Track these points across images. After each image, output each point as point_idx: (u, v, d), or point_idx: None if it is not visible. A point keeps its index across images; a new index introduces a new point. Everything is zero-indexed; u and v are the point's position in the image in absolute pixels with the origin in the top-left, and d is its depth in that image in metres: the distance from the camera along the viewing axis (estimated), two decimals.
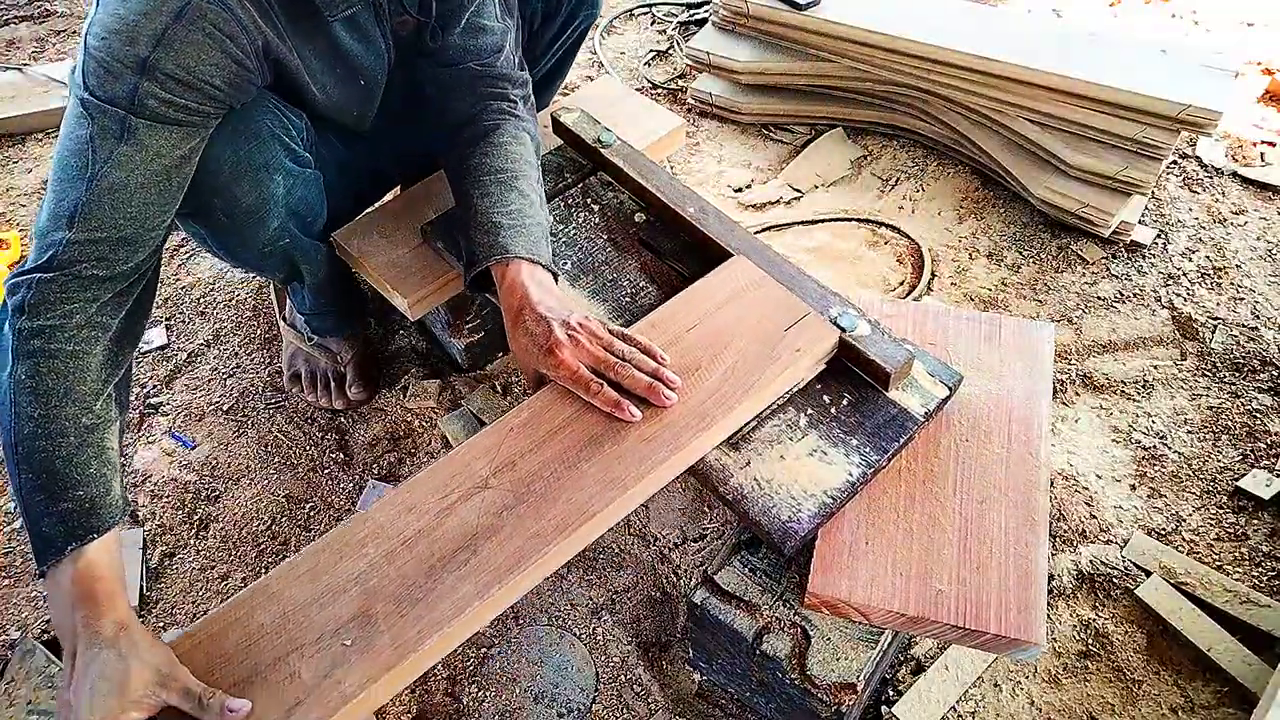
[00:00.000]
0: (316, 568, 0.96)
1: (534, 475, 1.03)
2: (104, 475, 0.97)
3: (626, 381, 1.07)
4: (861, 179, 2.07)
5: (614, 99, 1.67)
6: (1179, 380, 1.65)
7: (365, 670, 0.88)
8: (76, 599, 0.90)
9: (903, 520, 1.07)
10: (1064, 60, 1.80)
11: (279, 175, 1.21)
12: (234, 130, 1.14)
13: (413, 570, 0.95)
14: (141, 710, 0.85)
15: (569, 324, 1.10)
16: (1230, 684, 1.26)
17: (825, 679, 1.04)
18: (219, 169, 1.15)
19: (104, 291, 1.02)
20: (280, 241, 1.29)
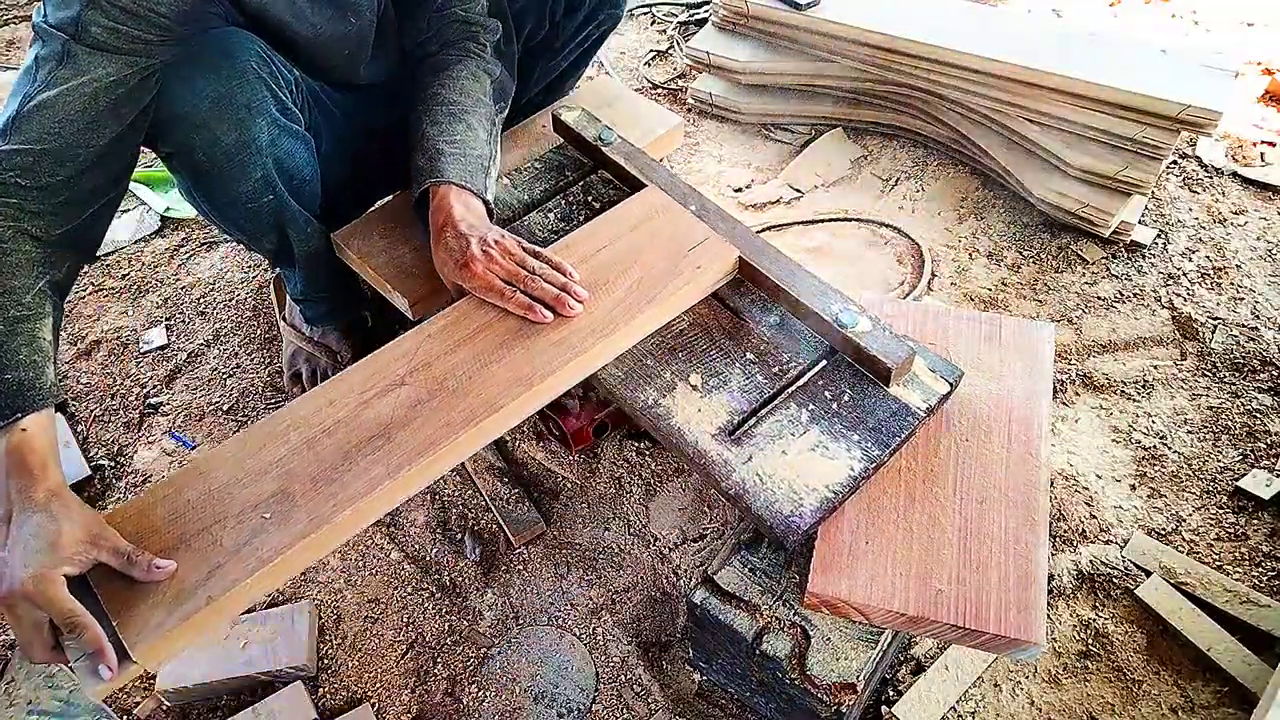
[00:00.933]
0: (241, 453, 1.05)
1: (448, 374, 1.11)
2: (35, 361, 1.01)
3: (536, 292, 1.17)
4: (861, 179, 2.07)
5: (613, 98, 1.67)
6: (1179, 380, 1.65)
7: (281, 538, 0.97)
8: (10, 469, 0.95)
9: (903, 520, 1.07)
10: (1064, 60, 1.80)
11: (262, 119, 1.21)
12: (217, 67, 1.15)
13: (330, 455, 1.04)
14: (73, 566, 0.91)
15: (485, 240, 1.19)
16: (1230, 684, 1.26)
17: (825, 679, 1.04)
18: (199, 104, 1.15)
19: (30, 200, 1.06)
20: (264, 197, 1.28)
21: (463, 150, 1.27)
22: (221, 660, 1.28)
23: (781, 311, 1.25)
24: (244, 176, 1.24)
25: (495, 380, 1.10)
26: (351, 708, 1.27)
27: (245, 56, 1.18)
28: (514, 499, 1.49)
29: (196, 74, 1.14)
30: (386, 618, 1.37)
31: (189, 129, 1.17)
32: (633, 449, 1.54)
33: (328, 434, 1.06)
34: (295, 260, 1.44)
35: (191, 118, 1.16)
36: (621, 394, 1.18)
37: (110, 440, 1.61)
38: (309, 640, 1.31)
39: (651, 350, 1.22)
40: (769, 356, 1.20)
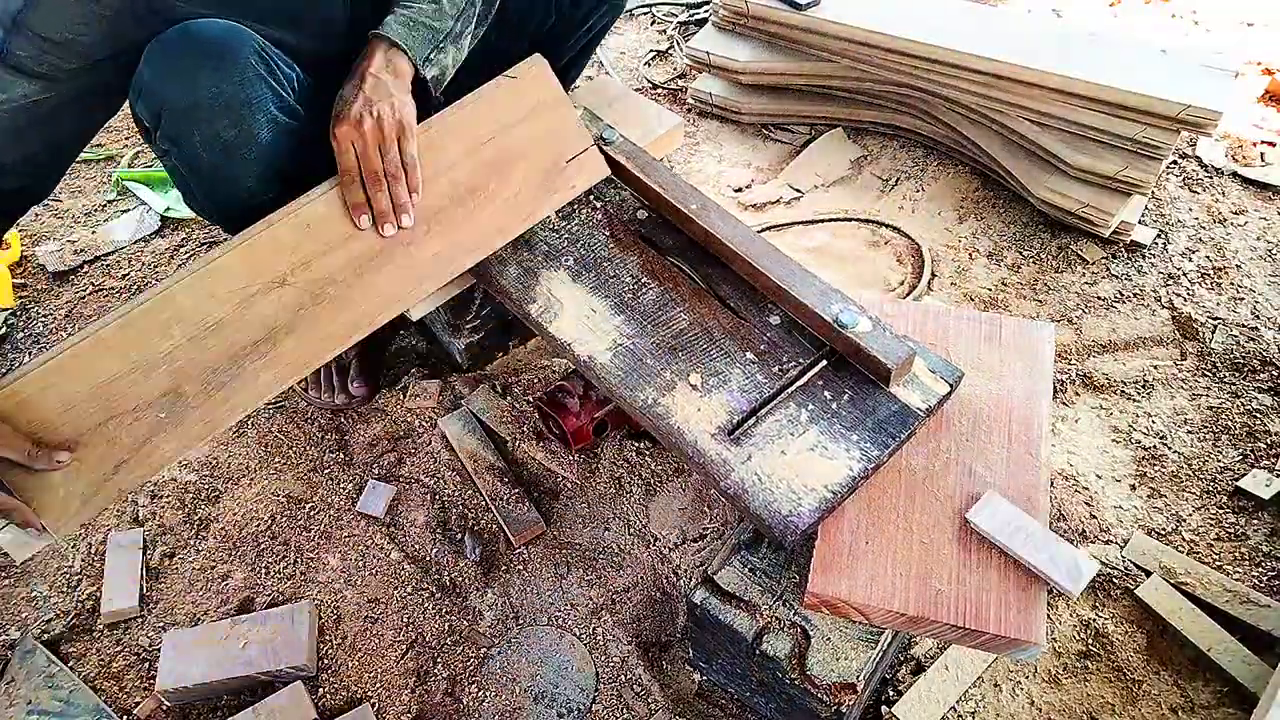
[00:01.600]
0: (125, 342, 1.08)
1: (328, 280, 1.16)
2: None
3: (372, 194, 1.19)
4: (861, 179, 2.07)
5: (613, 98, 1.67)
6: (1179, 380, 1.65)
7: (180, 440, 1.06)
8: None
9: (903, 520, 1.07)
10: (1064, 60, 1.80)
11: (262, 116, 1.20)
12: (219, 64, 1.15)
13: (216, 356, 1.10)
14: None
15: (373, 106, 1.18)
16: (1230, 684, 1.26)
17: (825, 679, 1.04)
18: (200, 99, 1.16)
19: None
20: (266, 194, 1.27)
21: (416, 16, 1.25)
22: (221, 660, 1.28)
23: (781, 311, 1.25)
24: (244, 174, 1.24)
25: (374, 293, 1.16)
26: (351, 708, 1.27)
27: (245, 53, 1.18)
28: (514, 499, 1.49)
29: (197, 69, 1.14)
30: (386, 618, 1.37)
31: (189, 125, 1.17)
32: (633, 449, 1.54)
33: (212, 332, 1.10)
34: None
35: (192, 114, 1.16)
36: (621, 393, 1.18)
37: None
38: (309, 640, 1.31)
39: (651, 349, 1.22)
40: (769, 356, 1.20)
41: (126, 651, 1.35)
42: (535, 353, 1.72)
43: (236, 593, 1.40)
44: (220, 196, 1.28)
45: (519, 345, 1.73)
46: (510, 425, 1.58)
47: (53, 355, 1.06)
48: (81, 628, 1.37)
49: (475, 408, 1.60)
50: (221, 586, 1.41)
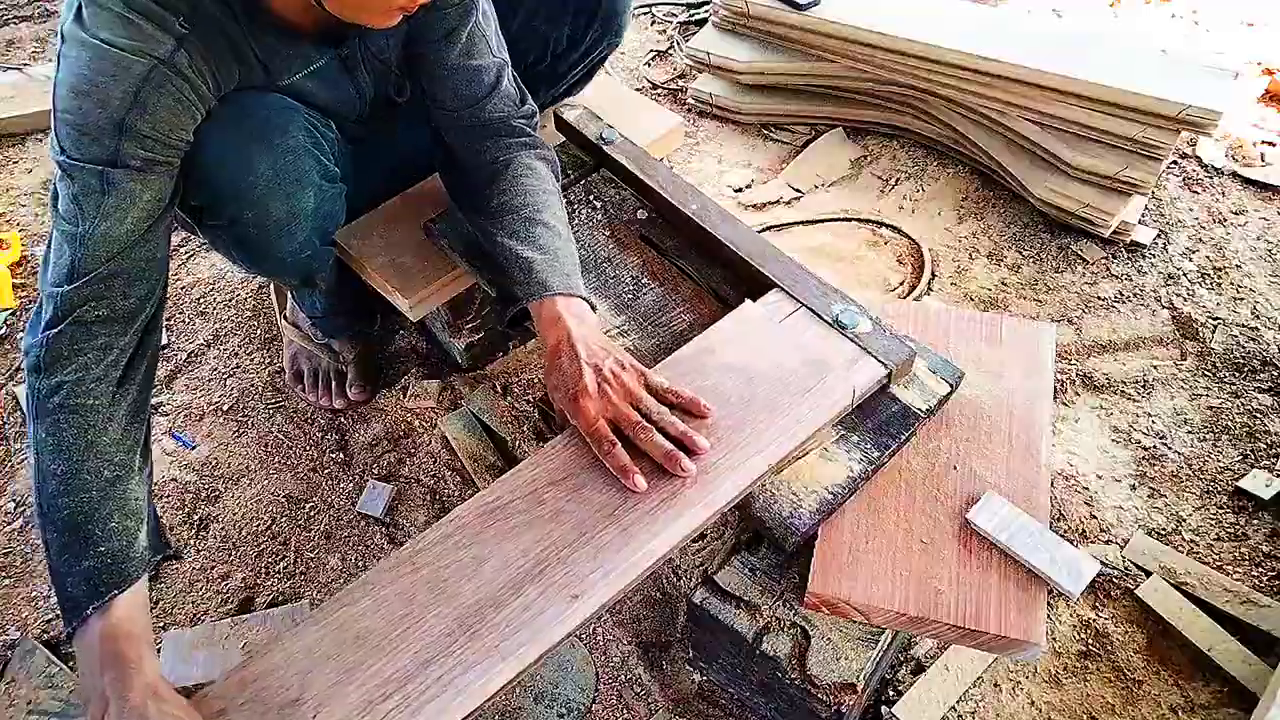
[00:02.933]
0: (363, 634, 0.94)
1: (549, 550, 0.99)
2: (127, 528, 0.96)
3: (645, 445, 1.02)
4: (861, 179, 2.07)
5: (612, 98, 1.67)
6: (1179, 380, 1.65)
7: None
8: (104, 660, 0.89)
9: (903, 520, 1.07)
10: (1064, 60, 1.80)
11: (310, 190, 1.22)
12: (272, 145, 1.16)
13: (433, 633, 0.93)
14: None
15: (602, 371, 1.06)
16: (1230, 684, 1.26)
17: (825, 679, 1.04)
18: (255, 182, 1.16)
19: (111, 335, 1.02)
20: (303, 254, 1.30)
21: (552, 255, 1.18)
22: (221, 660, 1.28)
23: None
24: (289, 241, 1.26)
25: (584, 566, 0.97)
26: None
27: (295, 130, 1.18)
28: None
29: (250, 153, 1.14)
30: None
31: (243, 205, 1.18)
32: None
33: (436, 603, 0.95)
34: (316, 289, 1.48)
35: (246, 195, 1.16)
36: None
37: None
38: None
39: (652, 350, 1.22)
40: None
41: None
42: (535, 353, 1.72)
43: (236, 593, 1.40)
44: (262, 262, 1.31)
45: (519, 345, 1.73)
46: (510, 425, 1.58)
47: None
48: None
49: (475, 408, 1.60)
50: (221, 586, 1.41)
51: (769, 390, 1.10)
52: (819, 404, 1.09)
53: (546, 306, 1.13)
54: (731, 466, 1.02)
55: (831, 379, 1.11)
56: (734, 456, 1.03)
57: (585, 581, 0.96)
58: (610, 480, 1.02)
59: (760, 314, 1.20)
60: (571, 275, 1.17)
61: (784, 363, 1.13)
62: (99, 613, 0.90)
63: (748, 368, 1.12)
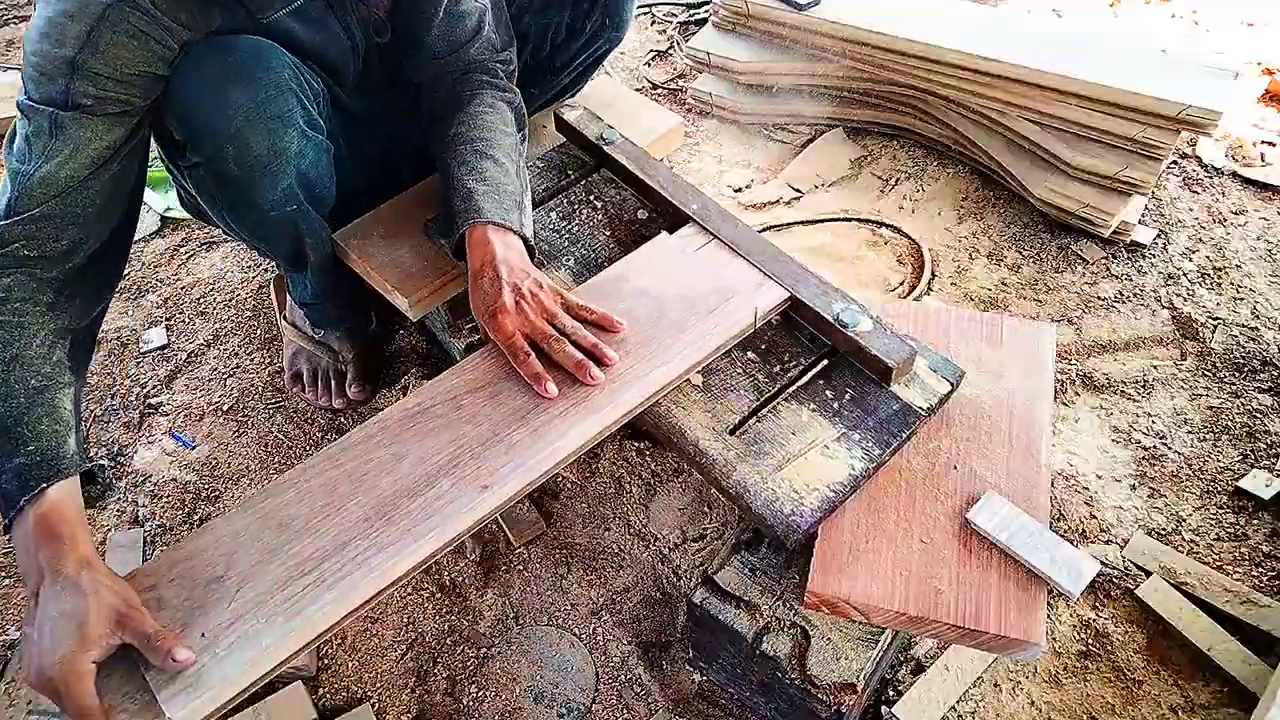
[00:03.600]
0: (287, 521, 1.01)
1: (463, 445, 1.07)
2: (56, 431, 1.01)
3: (557, 356, 1.11)
4: (861, 179, 2.07)
5: (613, 98, 1.67)
6: (1179, 380, 1.65)
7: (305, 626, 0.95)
8: (39, 540, 0.94)
9: (903, 520, 1.07)
10: (1064, 60, 1.80)
11: (293, 131, 1.21)
12: (254, 79, 1.16)
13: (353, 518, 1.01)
14: (99, 651, 0.89)
15: (520, 290, 1.15)
16: (1230, 684, 1.26)
17: (825, 679, 1.04)
18: (234, 115, 1.16)
19: (38, 268, 1.08)
20: (288, 206, 1.28)
21: (494, 187, 1.24)
22: None
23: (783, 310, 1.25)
24: (271, 186, 1.24)
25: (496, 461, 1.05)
26: (351, 708, 1.27)
27: (279, 67, 1.18)
28: None
29: (231, 85, 1.14)
30: (386, 618, 1.37)
31: (223, 140, 1.17)
32: (633, 449, 1.54)
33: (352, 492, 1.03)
34: (308, 267, 1.45)
35: (226, 129, 1.17)
36: None
37: (110, 440, 1.61)
38: None
39: None
40: (770, 355, 1.20)
41: None
42: None
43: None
44: (245, 209, 1.29)
45: None
46: None
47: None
48: None
49: None
50: None
51: (677, 311, 1.19)
52: (723, 323, 1.18)
53: (477, 232, 1.20)
54: (638, 376, 1.12)
55: (736, 301, 1.20)
56: (641, 368, 1.13)
57: (496, 475, 1.04)
58: (525, 388, 1.11)
59: (674, 244, 1.29)
60: (509, 210, 1.23)
61: (693, 287, 1.23)
62: (32, 503, 0.95)
63: (659, 292, 1.22)
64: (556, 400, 1.09)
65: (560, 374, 1.11)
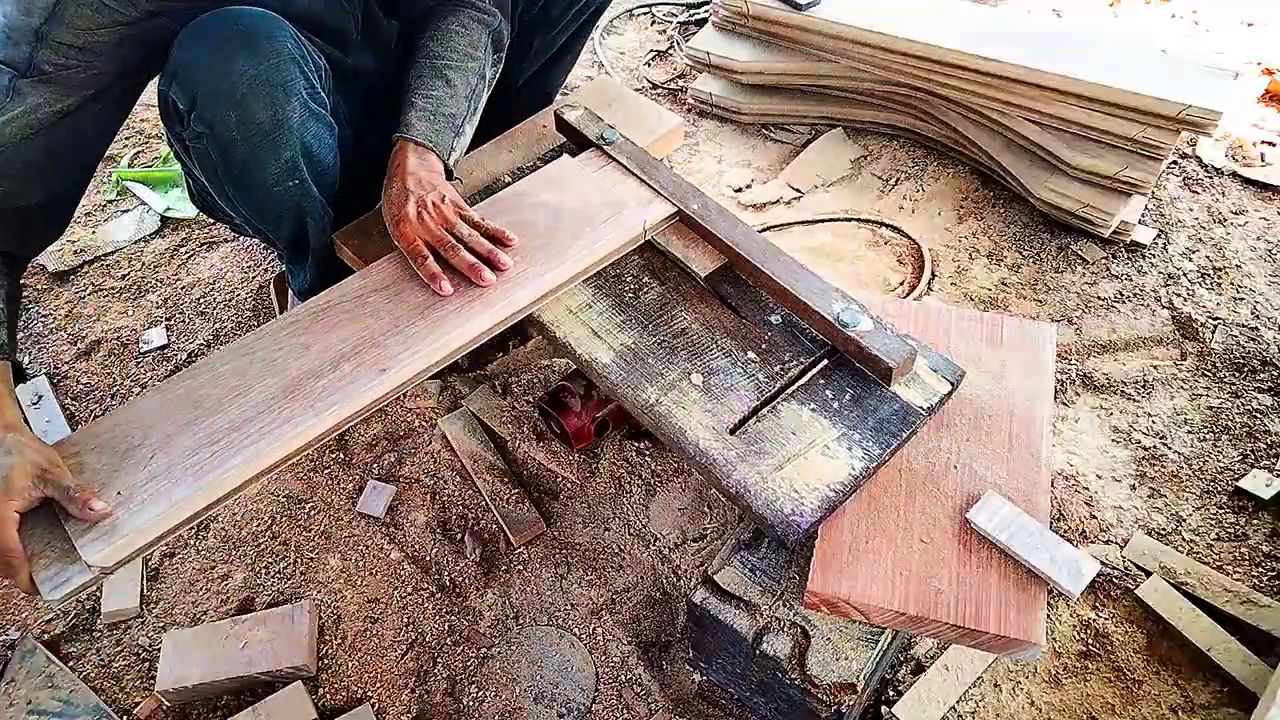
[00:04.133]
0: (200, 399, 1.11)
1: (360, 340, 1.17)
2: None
3: (453, 261, 1.21)
4: (861, 179, 2.07)
5: (613, 98, 1.67)
6: (1179, 380, 1.65)
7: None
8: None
9: (903, 519, 1.07)
10: (1064, 60, 1.80)
11: (296, 101, 1.22)
12: (257, 47, 1.17)
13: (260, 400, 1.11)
14: (21, 501, 0.97)
15: (424, 201, 1.23)
16: (1230, 684, 1.26)
17: (825, 679, 1.04)
18: (238, 81, 1.17)
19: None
20: (290, 181, 1.29)
21: (435, 107, 1.30)
22: (221, 660, 1.28)
23: (783, 311, 1.25)
24: (274, 158, 1.25)
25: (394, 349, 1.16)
26: (351, 708, 1.27)
27: (281, 37, 1.19)
28: (514, 499, 1.49)
29: (234, 53, 1.16)
30: (386, 618, 1.37)
31: (226, 107, 1.19)
32: (633, 449, 1.54)
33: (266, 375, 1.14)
34: (309, 252, 1.44)
35: (229, 96, 1.18)
36: (623, 393, 1.18)
37: None
38: (309, 640, 1.31)
39: (652, 349, 1.22)
40: (770, 356, 1.20)
41: (126, 651, 1.35)
42: (535, 353, 1.72)
43: (236, 593, 1.40)
44: (248, 181, 1.29)
45: (519, 345, 1.73)
46: (510, 425, 1.58)
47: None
48: (81, 628, 1.37)
49: (475, 408, 1.60)
50: (221, 586, 1.41)
51: (573, 221, 1.30)
52: (615, 231, 1.29)
53: (401, 146, 1.29)
54: (533, 277, 1.22)
55: (627, 214, 1.31)
56: (535, 269, 1.23)
57: (395, 360, 1.14)
58: (425, 288, 1.21)
59: (574, 165, 1.40)
60: (440, 132, 1.30)
61: (589, 201, 1.33)
62: None
63: (557, 204, 1.33)
64: (453, 298, 1.20)
65: (458, 277, 1.21)
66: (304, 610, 1.34)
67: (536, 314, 1.28)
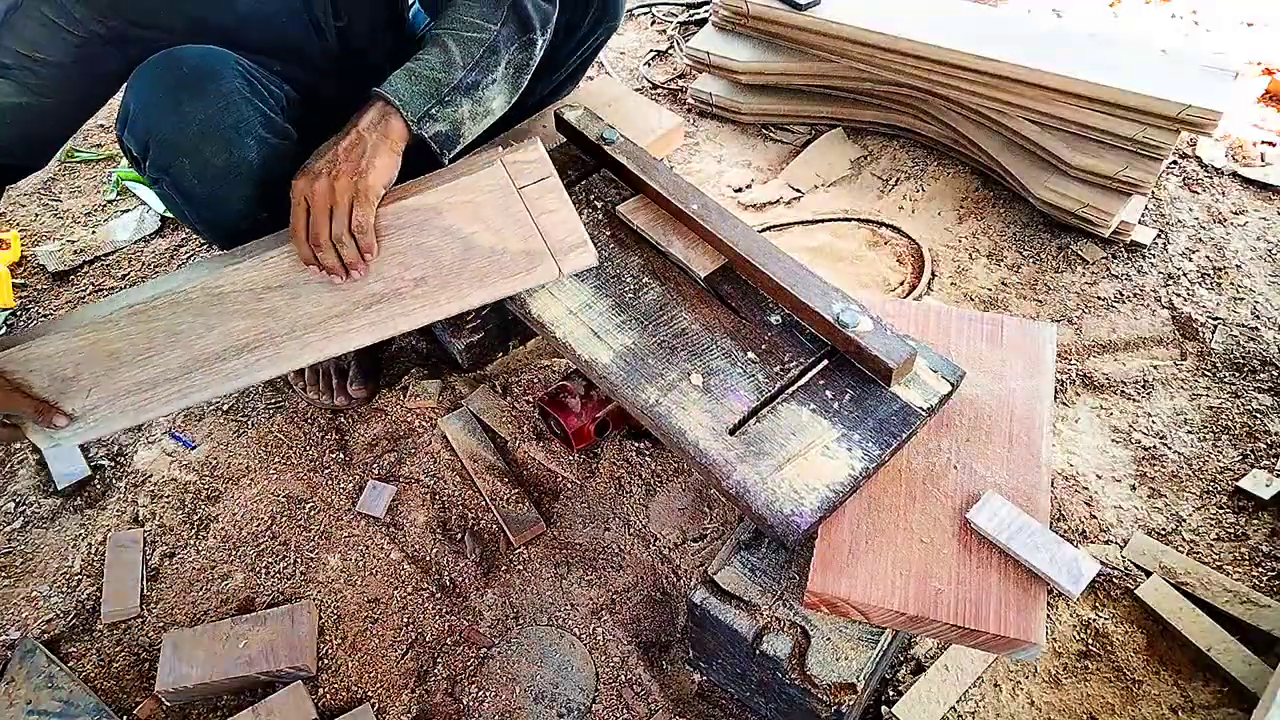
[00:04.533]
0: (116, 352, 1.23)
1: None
2: None
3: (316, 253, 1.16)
4: (861, 179, 2.07)
5: (613, 98, 1.67)
6: (1179, 380, 1.65)
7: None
8: None
9: (903, 520, 1.07)
10: (1064, 60, 1.80)
11: (250, 139, 1.20)
12: (202, 90, 1.16)
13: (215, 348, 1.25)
14: None
15: (336, 167, 1.13)
16: (1230, 684, 1.26)
17: (825, 679, 1.04)
18: (187, 127, 1.16)
19: None
20: (259, 214, 1.27)
21: (419, 68, 1.19)
22: (221, 660, 1.28)
23: (783, 311, 1.25)
24: (237, 196, 1.24)
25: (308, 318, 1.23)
26: (351, 708, 1.27)
27: (228, 75, 1.18)
28: (514, 499, 1.49)
29: (182, 99, 1.15)
30: (386, 618, 1.37)
31: (177, 155, 1.18)
32: (633, 449, 1.54)
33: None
34: None
35: (180, 144, 1.17)
36: (623, 393, 1.18)
37: (110, 440, 1.61)
38: (309, 640, 1.31)
39: (652, 349, 1.22)
40: (770, 356, 1.20)
41: (126, 651, 1.35)
42: (535, 353, 1.72)
43: (236, 593, 1.40)
44: (214, 220, 1.29)
45: (519, 345, 1.73)
46: (510, 425, 1.58)
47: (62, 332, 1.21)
48: (81, 628, 1.37)
49: (475, 408, 1.60)
50: (221, 586, 1.41)
51: (481, 265, 1.23)
52: (524, 283, 1.26)
53: (370, 102, 1.19)
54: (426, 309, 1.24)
55: (541, 270, 1.25)
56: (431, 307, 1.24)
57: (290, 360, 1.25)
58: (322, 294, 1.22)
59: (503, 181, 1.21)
60: (418, 96, 1.18)
61: (506, 247, 1.23)
62: None
63: (469, 240, 1.22)
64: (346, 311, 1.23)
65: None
66: (304, 610, 1.34)
67: (536, 314, 1.28)
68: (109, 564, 1.42)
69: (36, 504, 1.51)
